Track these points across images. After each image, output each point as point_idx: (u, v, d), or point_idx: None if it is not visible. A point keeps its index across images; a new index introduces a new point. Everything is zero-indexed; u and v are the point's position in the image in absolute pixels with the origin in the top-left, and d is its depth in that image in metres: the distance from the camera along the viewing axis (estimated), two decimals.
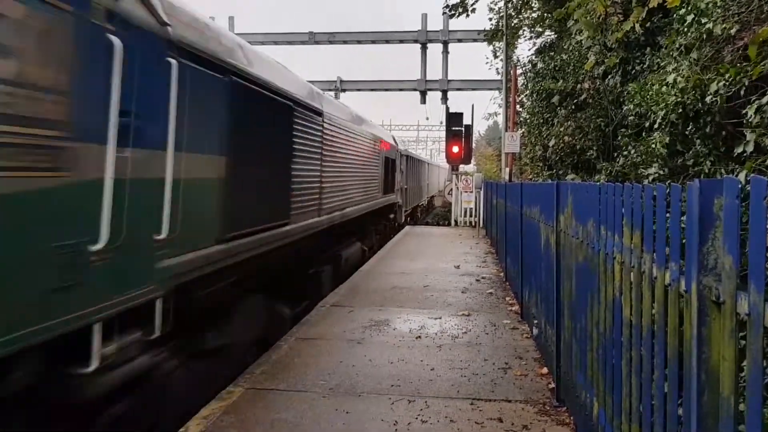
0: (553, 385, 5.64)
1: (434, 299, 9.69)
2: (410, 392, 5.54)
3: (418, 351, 6.82)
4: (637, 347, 3.10)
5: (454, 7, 19.84)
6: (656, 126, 6.50)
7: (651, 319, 2.92)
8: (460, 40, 29.59)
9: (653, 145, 6.48)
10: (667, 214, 2.72)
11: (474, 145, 54.67)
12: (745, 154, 5.44)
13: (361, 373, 6.00)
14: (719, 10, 5.94)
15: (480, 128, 71.59)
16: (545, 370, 6.18)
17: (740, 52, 5.85)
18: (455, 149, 24.22)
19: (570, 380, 4.93)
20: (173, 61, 4.33)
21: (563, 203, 5.32)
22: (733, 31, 5.86)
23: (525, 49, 73.10)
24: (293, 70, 8.86)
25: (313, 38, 29.96)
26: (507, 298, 9.90)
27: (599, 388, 3.90)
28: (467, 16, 20.14)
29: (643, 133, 7.24)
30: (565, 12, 9.37)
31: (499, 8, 22.41)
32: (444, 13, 21.35)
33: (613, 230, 3.58)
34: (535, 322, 7.09)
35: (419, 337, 7.40)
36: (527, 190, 8.42)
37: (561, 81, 11.52)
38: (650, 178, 6.51)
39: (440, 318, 8.41)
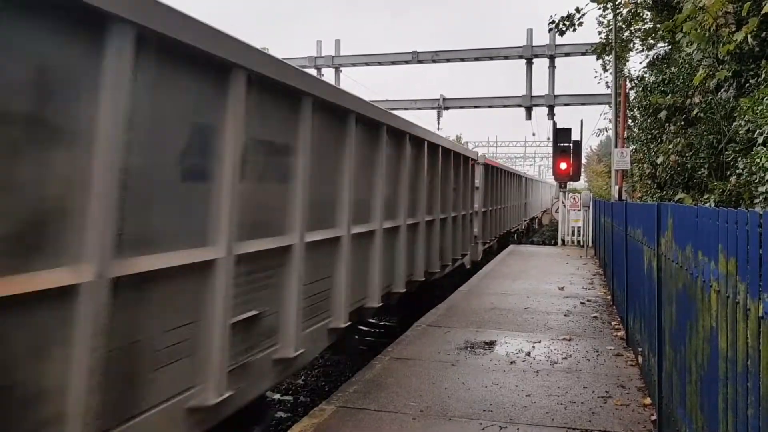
0: (655, 417, 5.35)
1: (535, 322, 9.47)
2: (502, 418, 5.44)
3: (514, 375, 6.68)
4: (733, 382, 2.91)
5: (561, 22, 19.44)
6: (762, 141, 6.06)
7: (746, 353, 2.73)
8: (567, 54, 28.94)
9: (758, 160, 6.03)
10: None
11: (584, 161, 53.05)
12: None
13: (453, 396, 5.97)
14: None
15: (591, 143, 69.32)
16: (648, 400, 5.88)
17: None
18: (563, 166, 23.58)
19: (672, 412, 4.67)
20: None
21: (664, 226, 5.08)
22: None
23: (637, 62, 70.25)
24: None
25: (417, 57, 30.32)
26: (613, 323, 9.50)
27: (697, 424, 3.67)
28: (574, 30, 19.67)
29: (754, 149, 6.77)
30: (673, 24, 8.97)
31: (609, 21, 21.72)
32: (550, 30, 20.90)
33: (710, 256, 3.38)
34: (640, 349, 6.77)
35: (514, 362, 7.25)
36: (631, 210, 8.09)
37: (670, 95, 10.98)
38: (761, 197, 6.07)
39: (539, 342, 8.20)
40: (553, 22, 19.64)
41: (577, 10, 18.25)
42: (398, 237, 8.48)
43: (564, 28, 19.16)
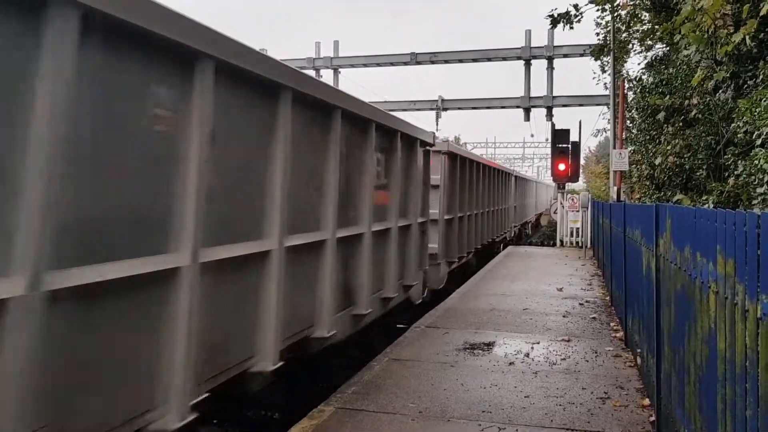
0: (654, 418, 5.35)
1: (533, 323, 9.47)
2: (501, 419, 5.44)
3: (512, 377, 6.69)
4: (731, 383, 2.91)
5: (558, 18, 19.42)
6: (760, 143, 6.07)
7: (744, 354, 2.74)
8: (566, 56, 28.93)
9: (756, 162, 6.04)
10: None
11: (583, 162, 53.06)
12: None
13: (452, 397, 5.97)
14: None
15: (590, 144, 69.29)
16: (647, 401, 5.88)
17: None
18: (561, 167, 23.58)
19: (670, 413, 4.68)
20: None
21: (662, 227, 5.08)
22: None
23: (635, 63, 70.26)
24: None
25: (415, 58, 30.32)
26: (611, 324, 9.51)
27: (696, 425, 3.68)
28: (571, 27, 19.65)
29: (752, 151, 6.78)
30: (672, 25, 8.98)
31: (607, 22, 21.73)
32: (549, 21, 20.79)
33: (708, 258, 3.39)
34: (638, 350, 6.77)
35: (513, 363, 7.26)
36: (630, 211, 8.10)
37: (668, 96, 10.99)
38: (759, 198, 6.08)
39: (538, 343, 8.21)
40: (551, 16, 19.64)
41: (576, 8, 18.26)
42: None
43: (561, 23, 19.14)
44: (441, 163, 11.97)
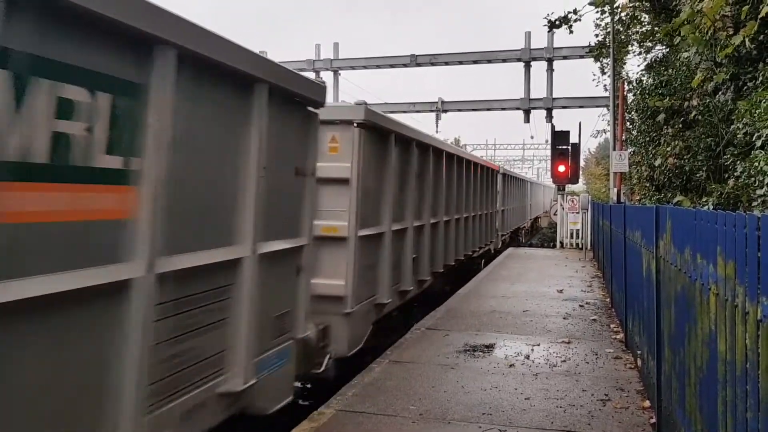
0: (654, 420, 5.35)
1: (533, 325, 9.47)
2: (502, 421, 5.44)
3: (513, 379, 6.68)
4: (732, 384, 2.91)
5: (557, 21, 19.43)
6: (759, 144, 6.07)
7: (745, 356, 2.73)
8: (565, 57, 28.94)
9: (757, 164, 6.04)
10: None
11: (583, 163, 53.08)
12: None
13: (452, 399, 5.96)
14: None
15: (590, 146, 69.32)
16: (648, 403, 5.88)
17: None
18: (561, 168, 23.59)
19: (671, 415, 4.67)
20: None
21: (662, 228, 5.08)
22: None
23: (634, 64, 70.21)
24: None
25: (415, 60, 30.35)
26: (612, 326, 9.50)
27: (696, 426, 3.67)
28: (571, 31, 19.67)
29: (752, 153, 6.78)
30: (671, 27, 8.98)
31: (606, 24, 21.75)
32: (545, 25, 20.82)
33: (708, 259, 3.39)
34: (639, 352, 6.77)
35: (513, 365, 7.25)
36: (630, 213, 8.09)
37: (667, 98, 10.99)
38: (759, 200, 6.08)
39: (538, 345, 8.20)
40: (550, 21, 19.65)
41: (575, 11, 18.26)
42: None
43: (559, 25, 19.13)
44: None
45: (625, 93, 19.53)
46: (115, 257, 3.31)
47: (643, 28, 19.62)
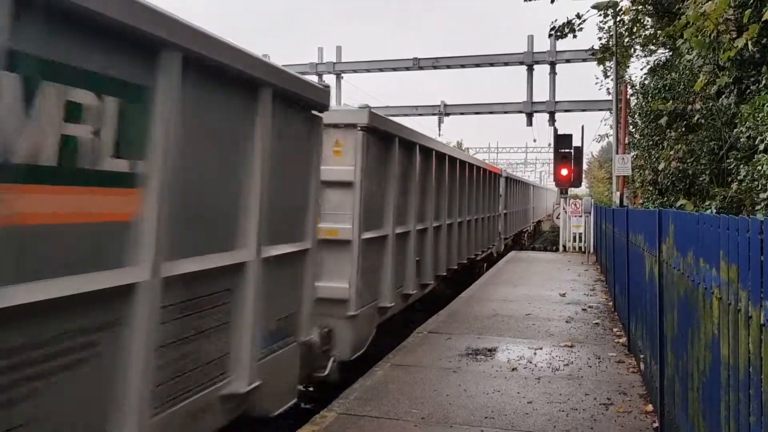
0: (657, 424, 5.34)
1: (536, 328, 9.45)
2: (504, 425, 5.43)
3: (515, 382, 6.67)
4: (735, 389, 2.90)
5: (560, 28, 19.45)
6: (763, 148, 6.06)
7: (748, 360, 2.73)
8: (568, 61, 28.95)
9: (760, 167, 6.03)
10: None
11: (585, 167, 52.97)
12: None
13: (454, 403, 5.95)
14: None
15: (593, 149, 69.27)
16: (650, 407, 5.87)
17: None
18: (564, 172, 23.55)
19: (673, 419, 4.66)
20: None
21: (665, 232, 5.07)
22: None
23: (637, 68, 70.13)
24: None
25: (418, 64, 30.38)
26: (614, 329, 9.48)
27: (699, 431, 3.66)
28: (575, 36, 19.67)
29: (755, 156, 6.77)
30: (674, 30, 8.98)
31: (609, 27, 21.75)
32: (550, 35, 20.88)
33: (711, 263, 3.38)
34: (642, 356, 6.75)
35: (515, 368, 7.24)
36: (632, 217, 8.09)
37: (670, 101, 10.98)
38: (762, 204, 6.06)
39: (541, 348, 8.19)
40: (553, 28, 19.66)
41: (578, 16, 18.26)
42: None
43: (564, 33, 19.14)
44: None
45: (628, 96, 19.53)
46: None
47: (646, 32, 19.61)
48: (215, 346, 4.22)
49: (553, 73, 28.99)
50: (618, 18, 19.16)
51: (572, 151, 23.80)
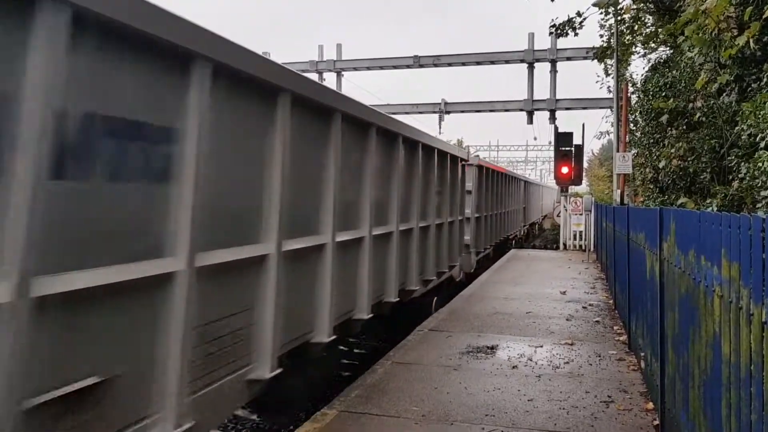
0: (657, 422, 5.34)
1: (536, 326, 9.45)
2: (505, 423, 5.43)
3: (516, 380, 6.67)
4: (736, 387, 2.90)
5: (561, 26, 19.44)
6: (764, 145, 6.06)
7: (749, 358, 2.73)
8: (569, 59, 28.89)
9: (761, 165, 6.03)
10: None
11: (586, 165, 52.97)
12: None
13: (455, 401, 5.96)
14: None
15: (593, 147, 69.27)
16: (651, 405, 5.87)
17: None
18: (564, 170, 23.55)
19: (674, 417, 4.66)
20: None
21: (666, 230, 5.07)
22: None
23: (638, 66, 70.07)
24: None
25: (418, 61, 30.32)
26: (615, 327, 9.48)
27: (700, 429, 3.66)
28: (576, 35, 19.68)
29: (756, 154, 6.77)
30: (674, 27, 8.97)
31: (610, 25, 21.74)
32: (551, 33, 20.89)
33: (713, 261, 3.38)
34: (642, 354, 6.75)
35: (516, 366, 7.24)
36: (633, 215, 8.09)
37: (671, 99, 10.96)
38: (763, 201, 6.06)
39: (541, 346, 8.19)
40: (554, 26, 19.64)
41: (579, 14, 18.25)
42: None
43: (565, 31, 19.13)
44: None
45: (629, 94, 19.51)
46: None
47: (647, 29, 19.61)
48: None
49: (553, 71, 28.94)
50: (619, 16, 19.16)
51: (573, 149, 23.79)
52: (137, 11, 3.37)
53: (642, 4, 17.06)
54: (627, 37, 20.92)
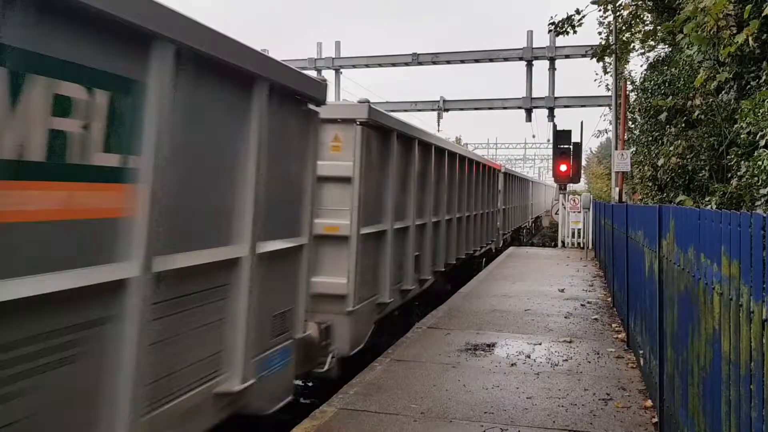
0: (656, 420, 5.34)
1: (535, 324, 9.46)
2: (503, 420, 5.43)
3: (515, 378, 6.67)
4: (736, 384, 2.90)
5: (560, 24, 19.39)
6: (763, 143, 6.06)
7: (749, 356, 2.73)
8: (567, 56, 28.83)
9: (760, 163, 6.02)
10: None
11: (584, 163, 52.96)
12: None
13: (453, 398, 5.96)
14: None
15: (591, 145, 69.30)
16: (649, 402, 5.88)
17: None
18: (563, 168, 23.53)
19: (673, 415, 4.66)
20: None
21: (665, 228, 5.07)
22: None
23: (637, 64, 70.02)
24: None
25: (417, 59, 30.25)
26: (613, 325, 9.49)
27: (699, 426, 3.66)
28: (575, 32, 19.62)
29: (755, 152, 6.77)
30: (673, 25, 8.96)
31: (609, 23, 21.70)
32: (550, 31, 20.84)
33: (712, 259, 3.38)
34: (641, 351, 6.76)
35: (515, 364, 7.24)
36: (632, 213, 8.09)
37: (670, 97, 10.96)
38: (762, 200, 6.06)
39: (540, 344, 8.19)
40: (553, 23, 19.60)
41: (577, 11, 18.21)
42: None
43: (564, 29, 19.09)
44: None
45: (627, 92, 19.51)
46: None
47: (646, 27, 19.58)
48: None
49: (552, 68, 28.88)
50: (617, 13, 19.13)
51: (571, 146, 23.78)
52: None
53: (641, 2, 17.03)
54: (626, 35, 20.89)
